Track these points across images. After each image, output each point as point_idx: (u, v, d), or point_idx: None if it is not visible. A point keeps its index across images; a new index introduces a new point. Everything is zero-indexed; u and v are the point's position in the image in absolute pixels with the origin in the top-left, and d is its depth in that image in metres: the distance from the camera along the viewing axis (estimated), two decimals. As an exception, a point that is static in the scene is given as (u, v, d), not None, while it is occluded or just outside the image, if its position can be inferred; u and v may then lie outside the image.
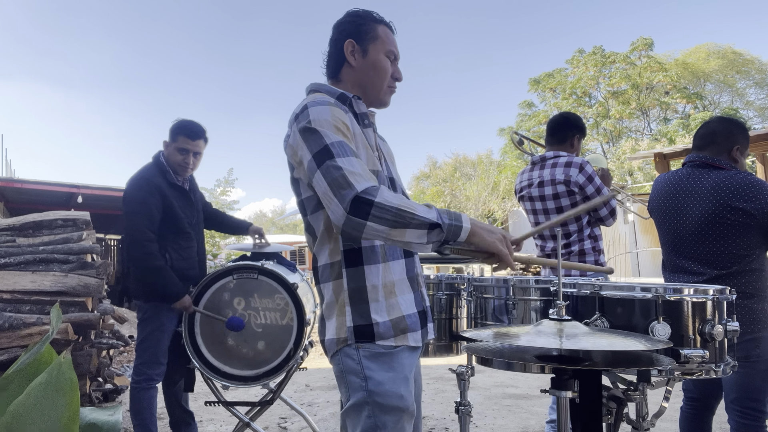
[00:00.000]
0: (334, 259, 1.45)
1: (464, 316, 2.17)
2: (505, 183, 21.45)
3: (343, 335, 1.41)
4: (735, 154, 2.25)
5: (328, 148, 1.33)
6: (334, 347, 1.43)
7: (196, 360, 2.75)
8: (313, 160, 1.35)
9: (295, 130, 1.42)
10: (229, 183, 13.13)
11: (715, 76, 28.28)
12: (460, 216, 1.32)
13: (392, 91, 1.63)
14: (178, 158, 2.87)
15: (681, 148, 8.88)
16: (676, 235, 2.27)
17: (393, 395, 1.37)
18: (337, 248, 1.45)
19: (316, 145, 1.35)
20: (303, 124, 1.39)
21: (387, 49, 1.58)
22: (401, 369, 1.41)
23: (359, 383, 1.38)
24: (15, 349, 3.40)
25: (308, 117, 1.39)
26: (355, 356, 1.39)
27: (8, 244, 4.07)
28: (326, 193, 1.30)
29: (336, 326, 1.43)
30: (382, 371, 1.38)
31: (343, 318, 1.42)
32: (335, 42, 1.59)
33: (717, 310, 1.61)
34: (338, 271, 1.44)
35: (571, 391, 1.42)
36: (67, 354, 0.96)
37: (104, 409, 1.26)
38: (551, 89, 28.66)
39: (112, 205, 10.56)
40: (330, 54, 1.61)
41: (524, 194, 3.04)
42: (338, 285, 1.44)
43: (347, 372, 1.41)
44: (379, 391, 1.37)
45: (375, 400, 1.36)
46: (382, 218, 1.25)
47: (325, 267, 1.47)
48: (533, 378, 4.87)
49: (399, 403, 1.38)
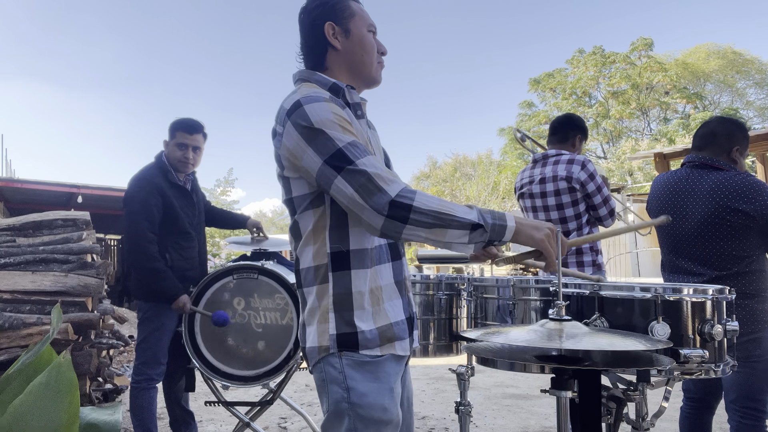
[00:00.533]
0: (319, 262, 1.37)
1: (464, 316, 2.18)
2: (505, 183, 21.47)
3: (325, 343, 1.34)
4: (734, 155, 2.25)
5: (343, 151, 1.26)
6: (316, 356, 1.35)
7: (196, 360, 2.76)
8: (327, 165, 1.27)
9: (290, 129, 1.33)
10: (229, 183, 13.15)
11: (715, 76, 28.28)
12: (504, 215, 1.30)
13: (382, 66, 1.55)
14: (178, 154, 2.88)
15: (681, 148, 8.88)
16: (676, 236, 2.27)
17: (376, 407, 1.31)
18: (323, 250, 1.37)
19: (327, 149, 1.27)
20: (302, 124, 1.30)
21: (367, 23, 1.50)
22: (386, 379, 1.35)
23: (341, 394, 1.32)
24: (15, 349, 3.40)
25: (307, 116, 1.30)
26: (338, 365, 1.33)
27: (8, 244, 4.07)
28: (354, 200, 1.24)
29: (317, 333, 1.35)
30: (366, 381, 1.32)
31: (325, 325, 1.34)
32: (312, 29, 1.47)
33: (716, 309, 1.61)
34: (323, 275, 1.36)
35: (571, 391, 1.42)
36: (67, 354, 0.96)
37: (104, 408, 1.26)
38: (551, 89, 28.66)
39: (112, 205, 10.56)
40: (308, 44, 1.49)
41: (524, 191, 3.04)
42: (322, 290, 1.36)
43: (329, 381, 1.34)
44: (361, 403, 1.31)
45: (357, 412, 1.30)
46: (420, 222, 1.22)
47: (308, 270, 1.39)
48: (533, 378, 4.88)
49: (382, 415, 1.32)
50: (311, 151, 1.30)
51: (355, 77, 1.50)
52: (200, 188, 3.17)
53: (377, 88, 1.59)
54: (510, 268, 13.69)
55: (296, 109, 1.32)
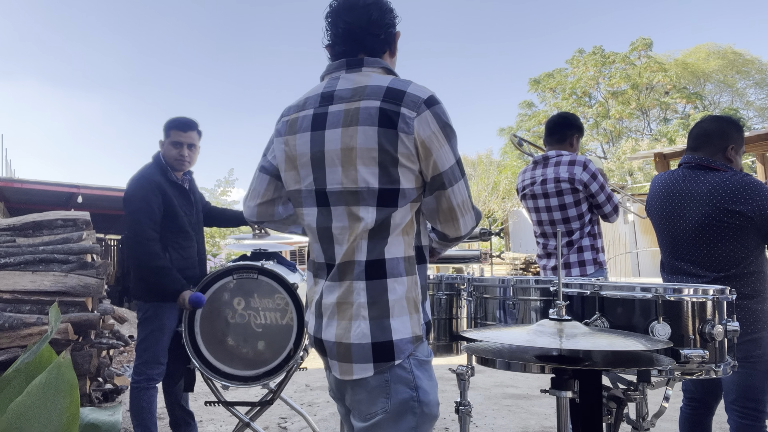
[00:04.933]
0: (409, 254, 1.36)
1: (464, 316, 2.17)
2: (505, 183, 21.46)
3: (419, 332, 1.34)
4: (730, 154, 2.23)
5: (461, 161, 1.38)
6: (410, 347, 1.32)
7: (196, 360, 2.75)
8: (457, 167, 1.35)
9: (430, 119, 1.30)
10: (230, 183, 13.17)
11: (715, 76, 28.29)
12: None
13: None
14: (174, 152, 2.89)
15: (681, 148, 8.89)
16: (674, 238, 2.26)
17: (434, 404, 1.34)
18: (411, 243, 1.37)
19: (456, 152, 1.36)
20: (443, 119, 1.33)
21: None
22: (434, 377, 1.39)
23: (410, 393, 1.31)
24: (15, 349, 3.40)
25: (446, 114, 1.34)
26: (407, 365, 1.31)
27: (8, 244, 4.07)
28: (465, 205, 1.38)
29: (411, 323, 1.33)
30: (426, 379, 1.34)
31: (418, 316, 1.35)
32: (383, 26, 1.43)
33: (717, 310, 1.60)
34: (413, 267, 1.36)
35: (571, 391, 1.42)
36: (67, 354, 0.96)
37: (104, 409, 1.26)
38: (551, 89, 28.66)
39: (112, 205, 10.57)
40: (372, 34, 1.42)
41: (527, 192, 3.04)
42: (413, 281, 1.35)
43: (394, 382, 1.31)
44: (427, 401, 1.32)
45: (423, 410, 1.32)
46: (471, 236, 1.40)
47: (398, 260, 1.34)
48: (533, 378, 4.88)
49: (436, 411, 1.36)
50: (448, 148, 1.33)
51: None
52: (198, 188, 3.17)
53: None
54: (510, 267, 13.69)
55: (436, 103, 1.33)
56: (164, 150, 2.92)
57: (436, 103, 1.32)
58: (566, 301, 1.47)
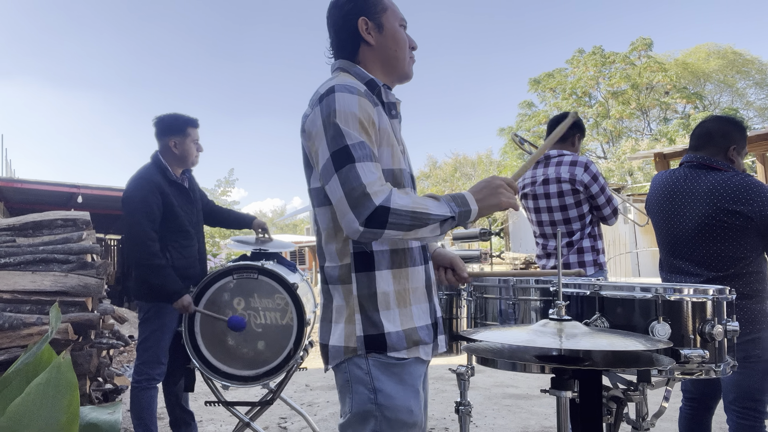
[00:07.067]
0: (342, 262, 1.35)
1: (464, 316, 2.17)
2: (505, 183, 21.40)
3: (352, 344, 1.31)
4: (731, 154, 2.24)
5: (349, 149, 1.23)
6: (341, 356, 1.33)
7: (196, 360, 2.75)
8: (331, 160, 1.24)
9: (317, 114, 1.30)
10: (230, 183, 13.16)
11: (715, 76, 28.27)
12: (466, 200, 1.31)
13: (413, 61, 1.53)
14: (194, 150, 2.94)
15: (681, 148, 8.87)
16: (674, 237, 2.26)
17: (403, 409, 1.30)
18: (345, 250, 1.35)
19: (336, 144, 1.24)
20: (326, 112, 1.28)
21: (399, 17, 1.49)
22: (412, 381, 1.34)
23: (367, 395, 1.30)
24: (15, 349, 3.40)
25: (334, 105, 1.27)
26: (364, 366, 1.31)
27: (8, 244, 4.07)
28: (342, 203, 1.22)
29: (345, 334, 1.33)
30: (393, 383, 1.31)
31: (352, 326, 1.32)
32: (344, 24, 1.44)
33: (717, 310, 1.60)
34: (347, 275, 1.34)
35: (571, 391, 1.42)
36: (67, 354, 0.96)
37: (104, 408, 1.26)
38: (551, 89, 28.64)
39: (112, 205, 10.55)
40: (340, 39, 1.46)
41: (527, 192, 3.04)
42: (347, 290, 1.34)
43: (354, 381, 1.32)
44: (388, 404, 1.29)
45: (384, 414, 1.29)
46: (398, 224, 1.21)
47: (333, 269, 1.37)
48: (533, 378, 4.87)
49: (408, 417, 1.31)
50: (323, 142, 1.28)
51: (388, 73, 1.49)
52: (198, 186, 3.17)
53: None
54: (510, 267, 13.69)
55: (328, 95, 1.30)
56: (181, 149, 2.91)
57: (329, 95, 1.29)
58: (566, 301, 1.47)
